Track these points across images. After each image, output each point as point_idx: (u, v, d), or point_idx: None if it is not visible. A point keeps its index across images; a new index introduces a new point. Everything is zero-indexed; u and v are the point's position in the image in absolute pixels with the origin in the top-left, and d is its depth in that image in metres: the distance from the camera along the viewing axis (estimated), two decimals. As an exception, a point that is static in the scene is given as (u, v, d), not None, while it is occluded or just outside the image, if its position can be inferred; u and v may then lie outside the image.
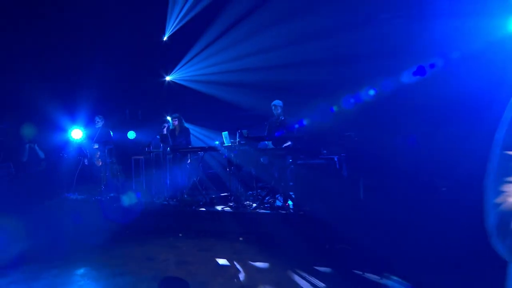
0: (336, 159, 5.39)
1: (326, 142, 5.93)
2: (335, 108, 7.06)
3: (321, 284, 3.46)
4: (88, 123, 8.24)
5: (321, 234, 4.75)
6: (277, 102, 6.42)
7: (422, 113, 6.27)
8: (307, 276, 3.66)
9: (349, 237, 4.62)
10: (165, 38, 9.59)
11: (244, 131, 5.88)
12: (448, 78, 6.09)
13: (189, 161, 6.96)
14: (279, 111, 6.39)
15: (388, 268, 3.72)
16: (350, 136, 5.83)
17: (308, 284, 3.47)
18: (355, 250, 4.36)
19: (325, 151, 5.42)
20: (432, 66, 6.47)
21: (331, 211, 4.90)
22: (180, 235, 5.45)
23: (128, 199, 6.61)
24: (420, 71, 6.57)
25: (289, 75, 7.43)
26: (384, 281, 3.51)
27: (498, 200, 0.73)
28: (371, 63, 7.36)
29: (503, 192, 0.73)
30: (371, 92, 6.94)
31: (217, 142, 6.65)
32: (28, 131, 7.67)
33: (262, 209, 5.51)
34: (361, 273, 3.72)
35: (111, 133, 7.86)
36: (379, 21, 7.74)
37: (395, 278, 3.53)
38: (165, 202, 6.44)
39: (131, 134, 9.30)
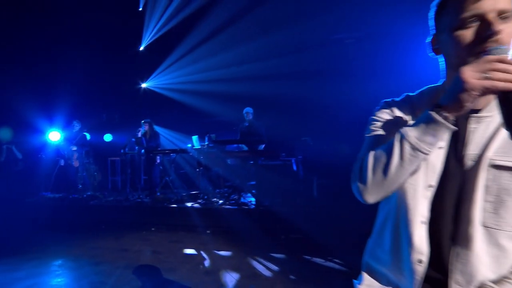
0: (293, 161, 5.74)
1: (285, 145, 6.28)
2: (294, 116, 7.44)
3: (275, 267, 3.76)
4: (66, 126, 8.18)
5: (278, 226, 5.06)
6: (249, 109, 6.73)
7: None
8: (263, 261, 3.95)
9: (302, 228, 4.97)
10: (141, 48, 9.67)
11: (213, 135, 6.11)
12: (390, 93, 6.62)
13: (158, 161, 7.10)
14: (250, 117, 6.70)
15: (333, 254, 4.09)
16: (306, 140, 6.19)
17: (264, 268, 3.75)
18: (307, 239, 4.69)
19: (284, 154, 5.74)
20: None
21: (288, 206, 5.23)
22: (153, 229, 5.58)
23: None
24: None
25: (254, 86, 7.74)
26: (328, 263, 3.85)
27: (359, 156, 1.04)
28: (327, 77, 7.83)
29: (361, 155, 1.04)
30: (326, 102, 7.39)
31: (189, 145, 6.84)
32: (4, 133, 7.51)
33: (228, 205, 5.75)
34: (309, 257, 4.06)
35: (88, 137, 7.85)
36: (333, 41, 8.25)
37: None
38: (139, 200, 6.54)
39: (108, 137, 9.29)
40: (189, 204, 5.97)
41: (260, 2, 7.90)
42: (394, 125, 1.03)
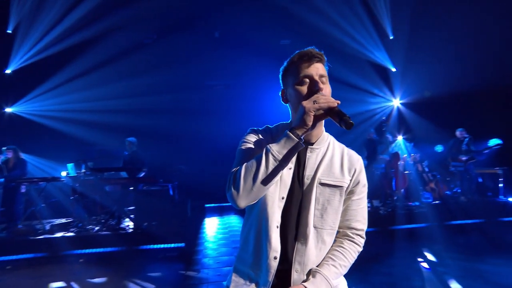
0: (170, 186, 5.50)
1: (163, 172, 5.99)
2: (171, 146, 7.24)
3: (151, 285, 3.44)
4: None
5: (155, 247, 4.70)
6: (131, 139, 6.02)
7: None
8: (140, 282, 3.56)
9: (178, 246, 4.76)
10: (8, 71, 7.77)
11: (90, 163, 5.31)
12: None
13: (23, 191, 5.60)
14: (133, 147, 6.03)
15: (206, 266, 4.04)
16: (182, 168, 6.08)
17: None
18: (183, 256, 4.50)
19: (161, 180, 5.45)
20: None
21: (164, 227, 4.93)
22: (9, 267, 4.29)
23: None
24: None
25: (137, 118, 7.24)
26: (201, 274, 3.78)
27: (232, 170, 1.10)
28: (201, 115, 8.04)
29: (233, 168, 1.11)
30: (199, 136, 7.52)
31: (64, 173, 5.74)
32: None
33: (105, 231, 5.00)
34: (184, 272, 3.89)
35: None
36: (207, 86, 8.62)
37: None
38: (-7, 235, 4.97)
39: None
40: (59, 234, 4.90)
41: (144, 45, 7.65)
42: (259, 144, 1.16)
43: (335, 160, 1.16)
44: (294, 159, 1.11)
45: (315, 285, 1.05)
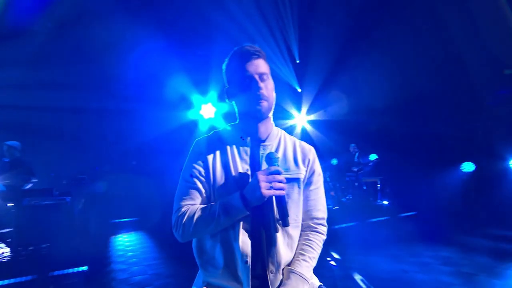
0: (68, 199, 4.64)
1: (59, 184, 5.03)
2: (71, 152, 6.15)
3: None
4: None
5: (48, 275, 3.84)
6: (13, 143, 4.67)
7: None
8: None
9: (79, 273, 4.03)
10: None
11: None
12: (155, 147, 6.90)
13: None
14: (15, 153, 4.73)
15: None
16: (84, 178, 5.25)
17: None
18: (86, 282, 3.83)
19: (57, 193, 4.55)
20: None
21: (61, 249, 4.11)
22: None
23: None
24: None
25: (18, 116, 5.83)
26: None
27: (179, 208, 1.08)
28: (103, 116, 7.13)
29: (177, 204, 1.09)
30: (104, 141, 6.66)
31: None
32: None
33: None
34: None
35: None
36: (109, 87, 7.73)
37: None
38: None
39: None
40: None
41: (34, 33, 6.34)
42: (206, 168, 1.11)
43: (288, 154, 1.18)
44: (248, 159, 1.12)
45: (292, 286, 1.05)
